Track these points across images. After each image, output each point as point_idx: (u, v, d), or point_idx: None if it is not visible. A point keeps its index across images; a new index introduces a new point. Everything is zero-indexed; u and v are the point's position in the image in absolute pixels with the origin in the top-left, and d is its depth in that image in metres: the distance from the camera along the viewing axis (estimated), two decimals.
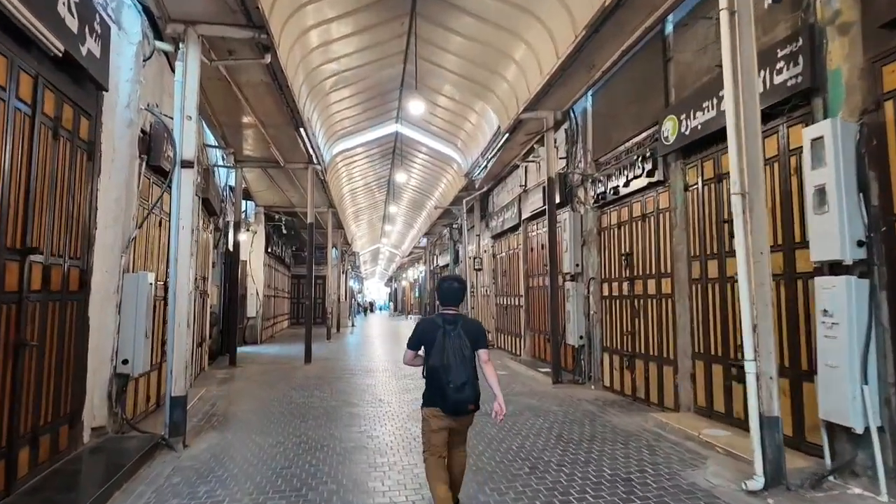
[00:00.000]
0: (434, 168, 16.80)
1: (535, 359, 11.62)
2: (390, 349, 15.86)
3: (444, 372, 3.25)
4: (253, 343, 17.36)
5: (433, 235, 26.11)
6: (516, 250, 13.13)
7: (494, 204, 15.19)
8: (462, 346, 3.30)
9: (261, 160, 12.25)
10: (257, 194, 16.10)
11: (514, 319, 13.32)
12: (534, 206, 11.15)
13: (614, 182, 7.88)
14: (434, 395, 3.34)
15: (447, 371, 3.25)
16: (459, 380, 3.23)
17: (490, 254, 15.65)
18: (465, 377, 3.24)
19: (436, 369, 3.30)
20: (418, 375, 3.57)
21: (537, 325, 11.50)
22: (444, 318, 3.42)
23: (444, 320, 3.40)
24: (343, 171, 17.09)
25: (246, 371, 11.15)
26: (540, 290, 11.36)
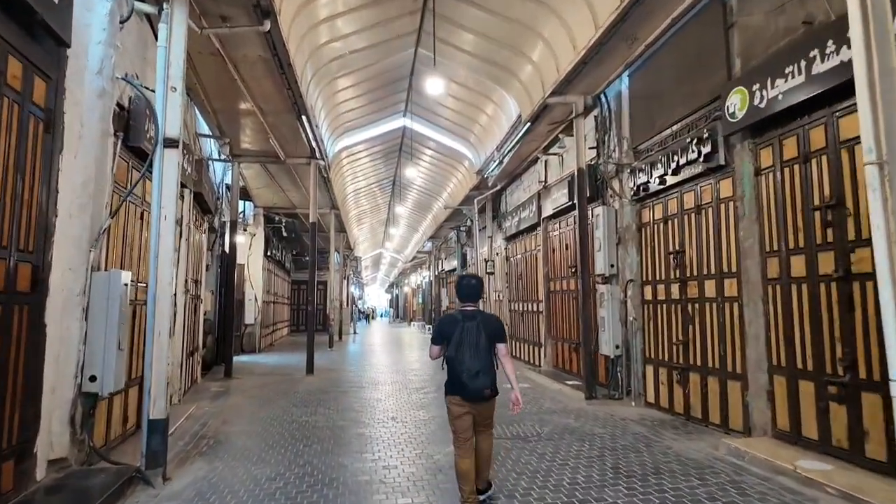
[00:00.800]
0: (443, 166, 15.88)
1: (558, 369, 10.65)
2: (396, 359, 14.88)
3: (459, 362, 3.59)
4: (251, 352, 16.39)
5: (438, 239, 25.18)
6: (534, 252, 12.19)
7: (508, 204, 14.27)
8: (478, 338, 3.60)
9: (259, 154, 11.33)
10: (256, 194, 15.18)
11: (531, 327, 12.36)
12: (556, 203, 10.21)
13: (658, 171, 6.95)
14: (453, 384, 3.68)
15: (461, 361, 3.58)
16: (473, 368, 3.54)
17: (503, 256, 14.72)
18: (479, 366, 3.56)
19: (451, 360, 3.65)
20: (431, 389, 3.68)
21: (560, 332, 10.53)
22: (463, 314, 3.76)
23: (464, 315, 3.74)
24: (347, 169, 16.18)
25: (243, 384, 10.18)
26: (563, 295, 10.41)
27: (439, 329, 3.81)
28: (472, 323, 3.67)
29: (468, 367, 3.54)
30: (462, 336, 3.61)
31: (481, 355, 3.58)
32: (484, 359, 3.58)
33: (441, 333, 3.77)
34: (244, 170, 12.80)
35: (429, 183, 17.96)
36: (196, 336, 9.92)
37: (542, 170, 11.40)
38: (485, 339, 3.62)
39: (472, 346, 3.58)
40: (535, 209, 11.64)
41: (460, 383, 3.58)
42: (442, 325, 3.82)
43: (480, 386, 3.56)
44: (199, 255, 10.09)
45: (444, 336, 3.72)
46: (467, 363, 3.55)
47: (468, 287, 3.87)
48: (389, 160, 16.43)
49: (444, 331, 3.75)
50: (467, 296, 3.85)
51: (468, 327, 3.64)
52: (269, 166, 12.53)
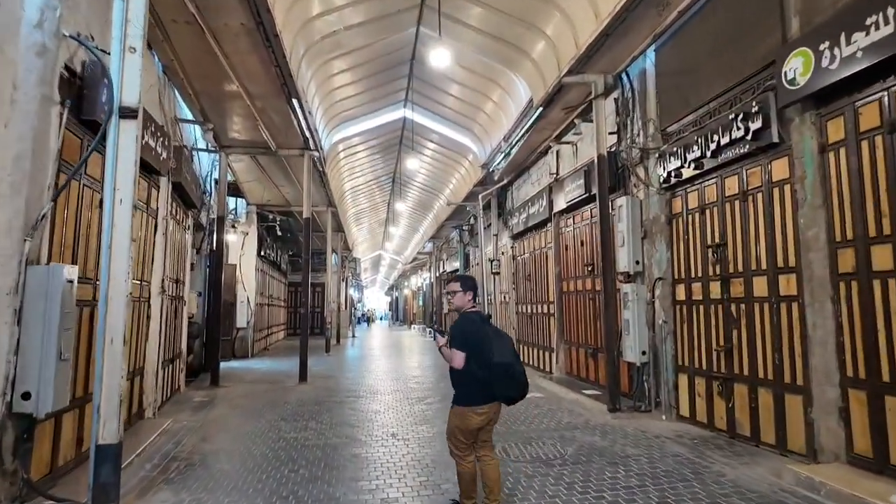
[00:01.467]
0: (446, 160, 15.06)
1: (573, 376, 9.81)
2: (396, 365, 14.03)
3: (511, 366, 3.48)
4: (243, 357, 15.54)
5: (439, 240, 24.36)
6: (544, 250, 11.37)
7: (514, 200, 13.45)
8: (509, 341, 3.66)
9: (249, 145, 10.50)
10: (248, 190, 14.36)
11: (541, 330, 11.53)
12: (570, 196, 9.39)
13: (693, 154, 6.13)
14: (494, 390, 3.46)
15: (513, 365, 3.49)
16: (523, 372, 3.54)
17: (509, 256, 13.89)
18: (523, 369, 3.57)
19: (507, 365, 3.46)
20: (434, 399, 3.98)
21: (574, 336, 9.70)
22: (480, 317, 3.68)
23: (481, 318, 3.67)
24: (344, 164, 15.38)
25: (230, 392, 9.34)
26: (578, 296, 9.58)
27: (470, 333, 3.53)
28: (489, 327, 3.67)
29: (519, 369, 3.50)
30: (497, 341, 3.55)
31: (518, 358, 3.64)
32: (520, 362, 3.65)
33: (472, 339, 3.51)
34: (234, 162, 11.99)
35: (430, 179, 17.14)
36: (178, 341, 9.10)
37: (553, 161, 10.59)
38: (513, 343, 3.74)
39: (512, 349, 3.59)
40: (545, 204, 10.82)
41: (511, 387, 3.47)
42: (470, 328, 3.56)
43: (526, 384, 3.57)
44: (181, 253, 9.26)
45: (476, 341, 3.49)
46: (516, 366, 3.50)
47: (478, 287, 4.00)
48: (389, 155, 15.63)
49: (475, 335, 3.52)
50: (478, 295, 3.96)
51: (490, 330, 3.63)
52: (261, 159, 11.72)
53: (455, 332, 3.57)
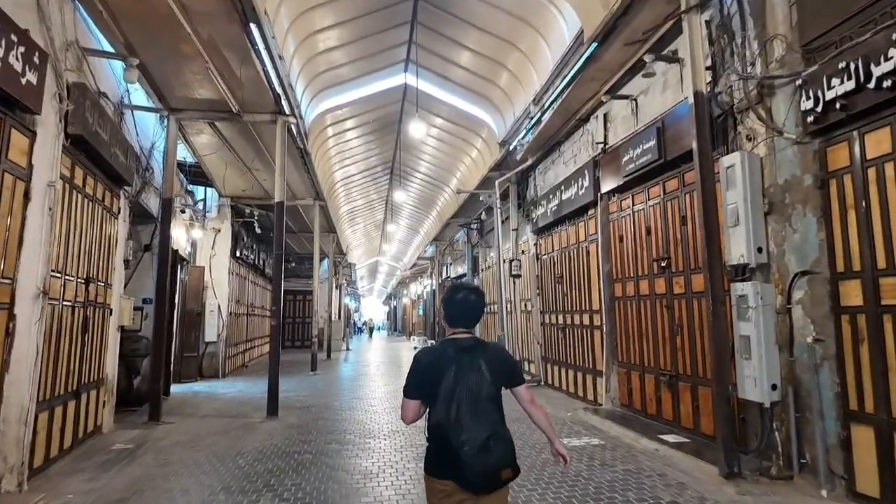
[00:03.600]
0: (455, 139, 12.57)
1: (631, 410, 7.33)
2: (395, 389, 11.50)
3: (456, 429, 2.08)
4: (213, 377, 13.04)
5: (443, 242, 21.91)
6: (583, 244, 8.93)
7: (539, 186, 11.04)
8: (480, 384, 2.16)
9: (204, 107, 8.07)
10: (216, 175, 11.90)
11: (580, 347, 9.06)
12: (630, 168, 6.99)
13: (879, 68, 3.73)
14: (442, 461, 2.16)
15: (460, 427, 2.08)
16: (479, 435, 2.06)
17: (532, 255, 11.45)
18: (488, 429, 2.09)
19: (442, 427, 2.12)
20: None
21: (636, 357, 7.24)
22: (456, 346, 2.25)
23: (458, 348, 2.24)
24: (332, 145, 12.94)
25: (169, 434, 6.86)
26: (641, 303, 7.13)
27: (421, 372, 2.24)
28: (468, 359, 2.20)
29: (470, 434, 2.06)
30: (456, 383, 2.14)
31: (488, 412, 2.15)
32: (493, 417, 2.16)
33: (422, 379, 2.23)
34: (193, 136, 9.55)
35: (435, 165, 14.62)
36: (97, 364, 6.61)
37: (598, 128, 8.19)
38: (490, 385, 2.18)
39: (472, 397, 2.13)
40: (587, 184, 8.40)
41: (456, 462, 2.06)
42: (423, 364, 2.26)
43: (494, 464, 2.07)
44: (107, 246, 6.81)
45: (426, 382, 2.21)
46: (468, 428, 2.07)
47: (465, 304, 2.33)
48: (386, 135, 13.20)
49: (425, 374, 2.23)
50: (463, 317, 2.33)
51: (464, 367, 2.17)
52: (224, 129, 9.28)
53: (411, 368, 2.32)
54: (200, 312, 12.89)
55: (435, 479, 2.21)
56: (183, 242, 11.76)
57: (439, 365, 2.23)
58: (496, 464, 2.10)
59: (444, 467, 2.17)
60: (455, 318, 2.35)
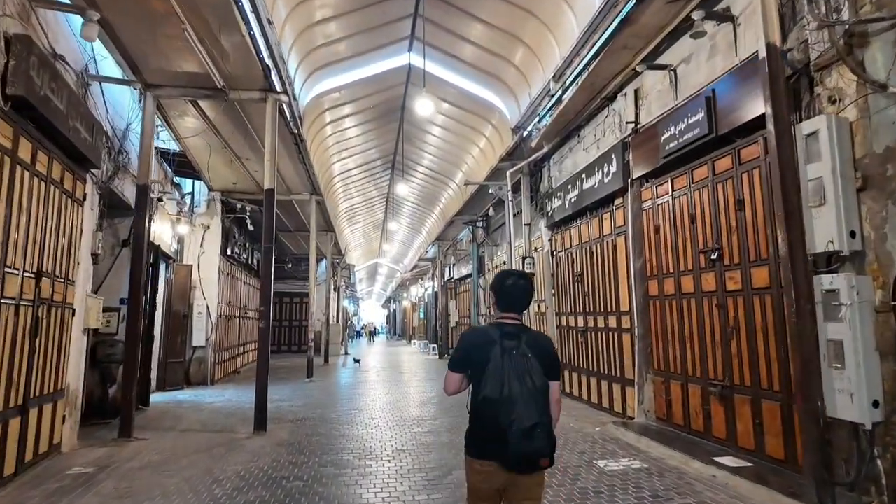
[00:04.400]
0: (462, 127, 11.63)
1: (669, 425, 6.41)
2: (399, 397, 10.59)
3: (506, 408, 2.13)
4: (201, 384, 12.12)
5: (445, 242, 20.98)
6: (609, 237, 8.03)
7: (555, 177, 10.15)
8: (530, 371, 2.21)
9: (185, 82, 7.17)
10: (202, 163, 10.99)
11: (605, 353, 8.15)
12: (672, 146, 6.09)
13: None
14: (486, 441, 2.22)
15: (510, 406, 2.13)
16: (528, 420, 2.11)
17: (546, 251, 10.55)
18: (536, 415, 2.13)
19: (492, 403, 2.17)
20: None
21: (676, 363, 6.32)
22: (502, 330, 2.31)
23: (503, 332, 2.30)
24: (330, 134, 12.03)
25: (140, 453, 5.94)
26: (681, 301, 6.22)
27: (466, 349, 2.37)
28: (514, 344, 2.25)
29: (519, 416, 2.10)
30: (505, 365, 2.20)
31: (538, 399, 2.17)
32: (542, 404, 2.18)
33: (468, 356, 2.34)
34: (176, 118, 8.65)
35: (440, 154, 13.62)
36: (51, 372, 5.68)
37: (628, 106, 7.31)
38: (541, 376, 2.22)
39: (523, 382, 2.17)
40: (614, 170, 7.51)
41: (502, 442, 2.12)
42: (469, 343, 2.38)
43: (536, 450, 2.12)
44: (68, 236, 5.90)
45: (474, 361, 2.29)
46: (519, 410, 2.11)
47: (517, 290, 2.39)
48: (388, 123, 12.30)
49: (472, 353, 2.31)
50: (516, 303, 2.40)
51: (511, 351, 2.23)
52: (209, 111, 8.37)
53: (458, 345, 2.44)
54: (187, 314, 11.98)
55: (475, 460, 2.25)
56: (168, 238, 10.85)
57: (484, 345, 2.28)
58: (536, 451, 2.13)
59: (487, 447, 2.20)
60: (507, 304, 2.39)
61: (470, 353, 2.34)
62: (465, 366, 2.36)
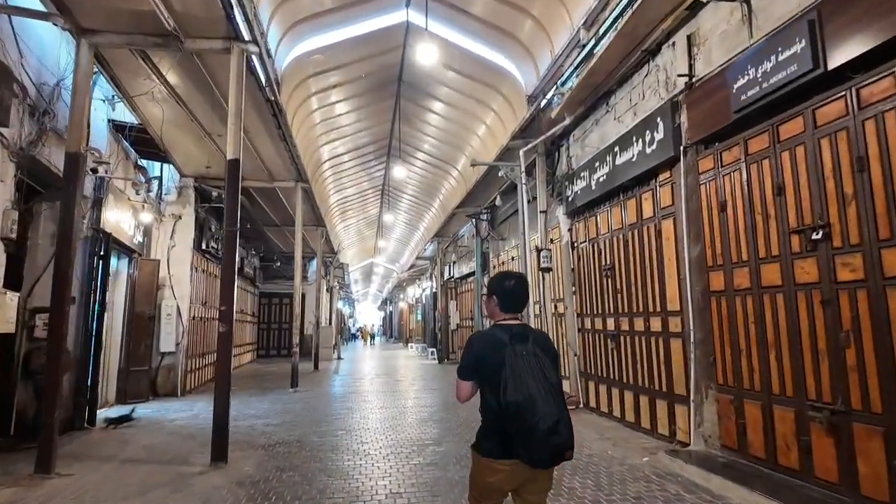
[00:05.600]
0: (467, 99, 10.15)
1: (742, 456, 4.98)
2: (395, 413, 9.13)
3: (530, 408, 2.16)
4: (170, 395, 10.67)
5: (445, 239, 19.56)
6: (650, 222, 6.62)
7: (576, 157, 8.76)
8: (544, 369, 2.26)
9: (128, 26, 5.73)
10: (171, 144, 9.54)
11: (646, 361, 6.73)
12: (752, 94, 4.68)
13: None
14: (508, 442, 2.26)
15: (533, 406, 2.16)
16: (551, 417, 2.16)
17: (565, 243, 9.14)
18: (557, 412, 2.19)
19: (517, 405, 2.18)
20: None
21: (753, 377, 4.91)
22: (510, 332, 2.35)
23: (513, 334, 2.34)
24: (316, 108, 10.57)
25: (52, 500, 4.48)
26: (760, 297, 4.80)
27: (478, 355, 2.37)
28: (524, 346, 2.29)
29: (543, 415, 2.15)
30: (520, 365, 2.23)
31: (556, 395, 2.24)
32: (560, 401, 2.24)
33: (480, 363, 2.36)
34: (128, 80, 7.20)
35: (442, 136, 12.11)
36: None
37: (677, 58, 5.91)
38: (552, 370, 2.29)
39: (539, 381, 2.21)
40: (660, 136, 6.11)
41: (529, 441, 2.17)
42: (480, 348, 2.38)
43: (562, 444, 2.18)
44: None
45: (487, 365, 2.31)
46: (541, 410, 2.15)
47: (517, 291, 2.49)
48: (382, 100, 10.87)
49: (485, 358, 2.33)
50: (516, 303, 2.49)
51: (522, 353, 2.26)
52: (167, 71, 6.94)
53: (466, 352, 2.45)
54: (154, 316, 10.51)
55: (496, 461, 2.30)
56: (128, 228, 9.40)
57: (496, 349, 2.29)
58: (562, 445, 2.19)
59: (510, 446, 2.25)
60: (508, 306, 2.47)
61: (482, 359, 2.35)
62: (476, 372, 2.38)
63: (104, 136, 8.25)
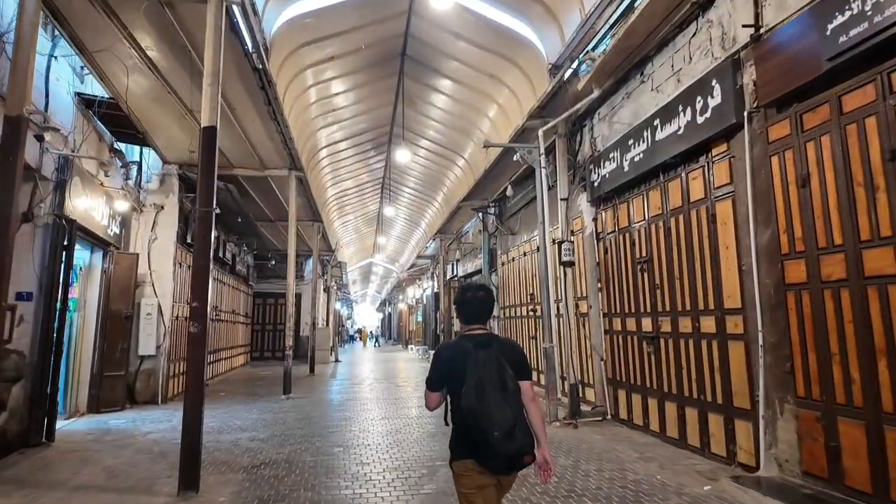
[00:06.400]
0: (479, 76, 9.13)
1: (831, 487, 4.02)
2: (400, 426, 8.15)
3: (484, 415, 2.24)
4: (149, 403, 9.70)
5: (447, 235, 18.59)
6: (700, 205, 5.68)
7: (602, 136, 7.83)
8: (502, 375, 2.33)
9: None
10: (150, 125, 8.58)
11: (697, 368, 5.77)
12: (854, 35, 3.72)
13: None
14: (470, 447, 2.33)
15: (487, 413, 2.24)
16: (506, 423, 2.24)
17: (589, 234, 8.19)
18: (512, 417, 2.27)
19: (472, 412, 2.26)
20: None
21: (842, 390, 3.96)
22: (475, 341, 2.45)
23: (476, 343, 2.44)
24: (312, 84, 9.59)
25: None
26: (858, 291, 3.85)
27: (442, 365, 2.48)
28: (487, 353, 2.38)
29: (499, 420, 2.23)
30: (480, 374, 2.31)
31: (512, 400, 2.31)
32: (516, 406, 2.32)
33: (445, 372, 2.46)
34: (86, 35, 6.23)
35: (448, 121, 11.10)
36: None
37: (736, 9, 4.97)
38: (513, 379, 2.36)
39: (497, 387, 2.30)
40: (716, 102, 5.17)
41: (486, 447, 2.25)
42: (444, 358, 2.50)
43: (518, 449, 2.25)
44: None
45: (451, 375, 2.43)
46: (496, 415, 2.24)
47: (476, 301, 2.58)
48: (384, 77, 9.89)
49: (449, 367, 2.44)
50: (477, 313, 2.57)
51: (484, 359, 2.36)
52: (136, 29, 5.97)
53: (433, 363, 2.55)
54: (131, 315, 9.54)
55: (464, 461, 2.36)
56: (101, 217, 8.44)
57: (460, 358, 2.38)
58: (520, 450, 2.25)
59: (469, 448, 2.33)
60: (469, 317, 2.55)
61: (447, 368, 2.44)
62: (443, 383, 2.46)
63: (70, 110, 7.29)
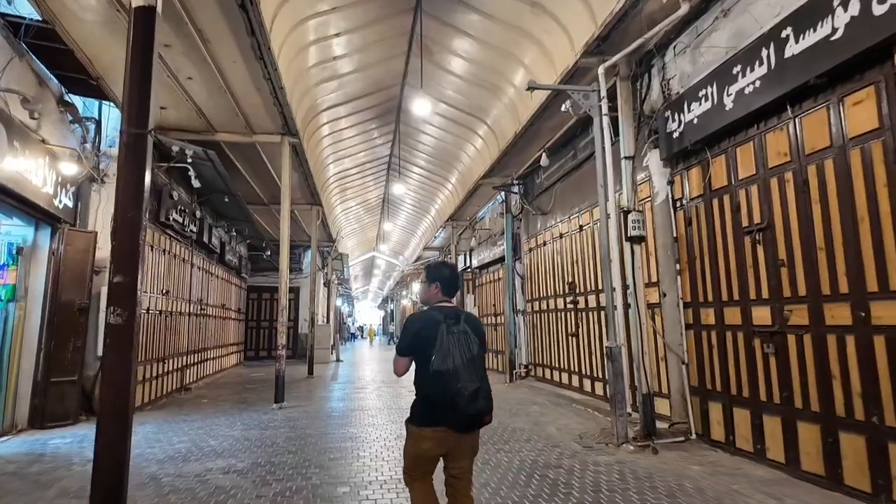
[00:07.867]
0: (521, 4, 7.24)
1: None
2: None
3: (453, 377, 2.58)
4: None
5: (460, 222, 16.81)
6: (866, 144, 3.92)
7: (684, 75, 6.09)
8: (469, 344, 2.68)
9: None
10: (107, 70, 6.80)
11: (860, 379, 4.01)
12: None
13: None
14: (436, 410, 2.65)
15: (456, 376, 2.58)
16: (471, 385, 2.59)
17: (661, 202, 6.42)
18: (478, 382, 2.62)
19: (441, 375, 2.60)
20: None
21: None
22: (444, 312, 2.79)
23: (446, 314, 2.76)
24: (313, 39, 7.78)
25: None
26: None
27: (414, 333, 2.75)
28: (456, 325, 2.72)
29: (465, 384, 2.57)
30: (450, 341, 2.64)
31: (477, 367, 2.68)
32: (481, 373, 2.69)
33: (416, 340, 2.74)
34: None
35: (474, 71, 9.15)
36: None
37: None
38: (479, 348, 2.73)
39: (464, 354, 2.64)
40: None
41: (452, 408, 2.58)
42: (416, 327, 2.77)
43: (480, 410, 2.63)
44: None
45: (421, 343, 2.70)
46: (464, 379, 2.58)
47: (453, 278, 2.97)
48: (398, 13, 8.08)
49: (420, 336, 2.73)
50: (454, 287, 2.97)
51: (454, 329, 2.70)
52: None
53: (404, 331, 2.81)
54: (87, 308, 7.77)
55: (426, 428, 2.67)
56: (45, 184, 6.72)
57: (432, 327, 2.68)
58: (481, 410, 2.62)
59: (435, 414, 2.64)
60: (447, 290, 2.91)
61: (418, 336, 2.71)
62: (414, 350, 2.73)
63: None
